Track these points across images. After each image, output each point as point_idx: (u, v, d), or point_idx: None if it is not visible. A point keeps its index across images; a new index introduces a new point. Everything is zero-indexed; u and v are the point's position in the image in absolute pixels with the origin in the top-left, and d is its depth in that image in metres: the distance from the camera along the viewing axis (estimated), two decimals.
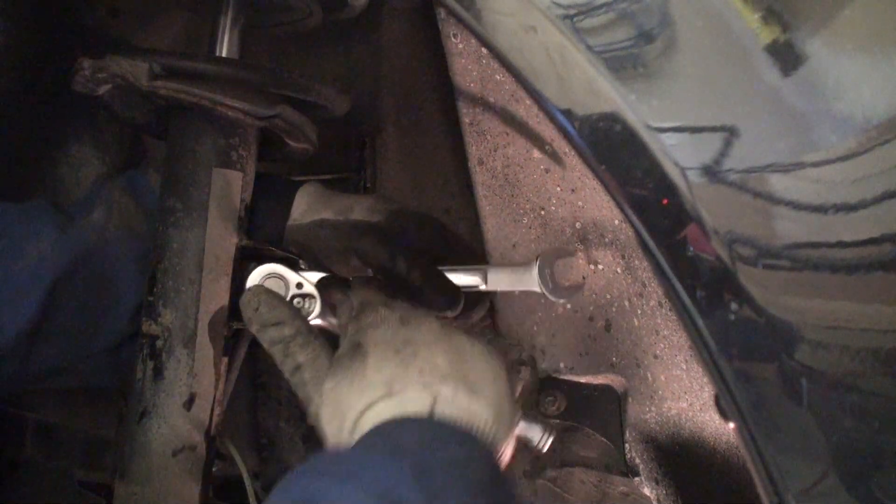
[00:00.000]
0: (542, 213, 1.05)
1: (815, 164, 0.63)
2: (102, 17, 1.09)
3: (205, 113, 0.89)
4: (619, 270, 1.01)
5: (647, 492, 1.07)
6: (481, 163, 1.06)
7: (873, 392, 0.65)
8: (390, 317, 0.79)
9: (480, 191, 1.07)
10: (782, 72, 0.62)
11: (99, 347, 0.93)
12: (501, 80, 1.00)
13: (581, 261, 1.04)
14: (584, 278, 1.03)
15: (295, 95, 0.91)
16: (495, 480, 0.66)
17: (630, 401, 1.06)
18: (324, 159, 1.08)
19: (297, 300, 0.89)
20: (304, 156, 0.98)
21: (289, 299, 0.89)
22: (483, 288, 0.89)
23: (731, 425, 0.64)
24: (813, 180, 0.63)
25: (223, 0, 0.94)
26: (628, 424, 1.07)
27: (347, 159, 1.25)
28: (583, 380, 1.09)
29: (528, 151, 1.03)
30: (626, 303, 1.02)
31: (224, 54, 0.94)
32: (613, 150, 0.62)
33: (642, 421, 1.06)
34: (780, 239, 0.63)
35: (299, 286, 0.90)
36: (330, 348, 0.81)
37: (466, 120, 1.04)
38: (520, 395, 0.78)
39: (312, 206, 0.94)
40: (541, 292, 0.89)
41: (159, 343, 0.88)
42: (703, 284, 0.62)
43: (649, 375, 1.03)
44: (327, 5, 0.96)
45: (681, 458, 1.04)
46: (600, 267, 1.02)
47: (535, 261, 0.89)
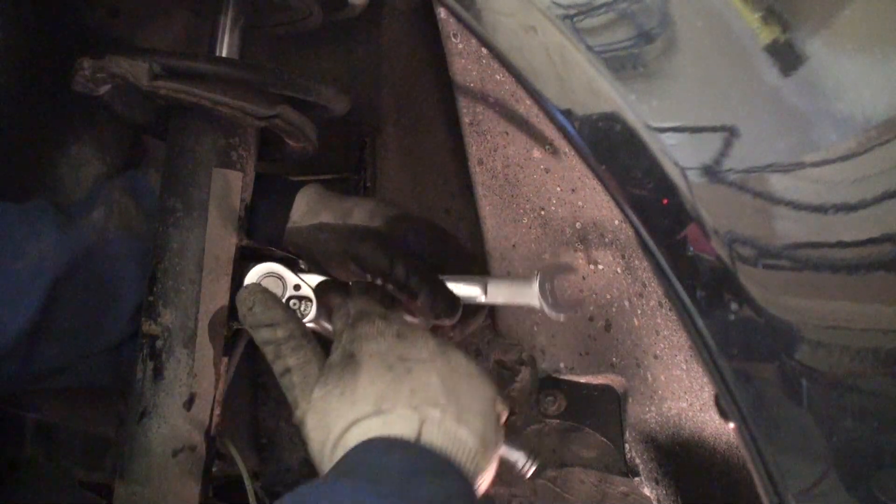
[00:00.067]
0: (542, 213, 1.05)
1: (815, 164, 0.63)
2: (102, 17, 1.09)
3: (205, 113, 0.89)
4: (619, 270, 1.01)
5: (647, 492, 1.07)
6: (481, 163, 1.06)
7: (873, 392, 0.65)
8: (387, 330, 0.80)
9: (480, 191, 1.07)
10: (782, 72, 0.62)
11: (99, 347, 0.93)
12: (501, 79, 1.00)
13: (581, 261, 1.04)
14: (583, 278, 1.03)
15: (295, 95, 0.91)
16: None
17: (630, 401, 1.06)
18: (324, 159, 1.08)
19: (294, 301, 0.89)
20: (304, 156, 0.98)
21: (285, 300, 0.89)
22: (482, 300, 0.88)
23: (731, 425, 0.64)
24: (813, 180, 0.63)
25: (223, 0, 0.94)
26: (628, 424, 1.07)
27: (347, 159, 1.25)
28: (583, 380, 1.10)
29: (528, 151, 1.03)
30: (626, 303, 1.02)
31: (224, 54, 0.94)
32: (613, 150, 0.62)
33: (642, 421, 1.06)
34: (780, 239, 0.63)
35: (297, 288, 0.89)
36: (322, 353, 0.81)
37: (466, 120, 1.04)
38: (504, 426, 0.79)
39: (312, 209, 0.94)
40: (540, 307, 0.88)
41: (159, 343, 0.88)
42: (703, 284, 0.62)
43: (649, 375, 1.03)
44: (327, 5, 0.96)
45: (681, 458, 1.04)
46: (600, 267, 1.02)
47: (536, 276, 0.88)
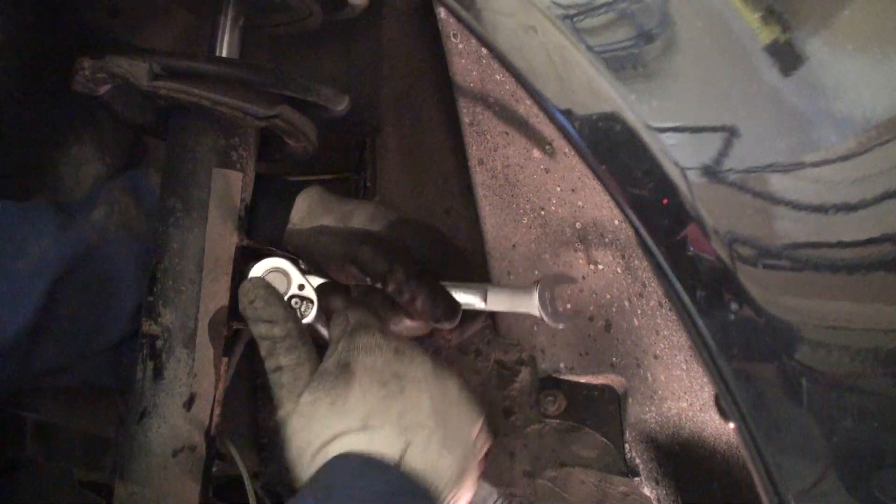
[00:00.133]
0: (542, 213, 1.04)
1: (815, 164, 0.63)
2: (102, 17, 1.09)
3: (205, 113, 0.89)
4: (619, 270, 1.01)
5: (647, 492, 1.07)
6: (481, 163, 1.06)
7: (873, 392, 0.65)
8: (385, 345, 0.80)
9: (480, 191, 1.07)
10: (782, 72, 0.63)
11: (99, 347, 0.93)
12: (501, 79, 1.00)
13: (581, 261, 1.04)
14: (583, 278, 1.03)
15: (295, 95, 0.91)
16: None
17: (630, 401, 1.06)
18: (324, 159, 1.08)
19: (295, 301, 0.89)
20: (304, 156, 0.98)
21: (287, 298, 0.89)
22: (482, 307, 0.89)
23: (731, 425, 0.64)
24: (813, 180, 0.63)
25: (223, 0, 0.94)
26: (628, 424, 1.07)
27: (347, 159, 1.25)
28: (583, 380, 1.10)
29: (528, 151, 1.03)
30: (626, 303, 1.02)
31: (224, 54, 0.94)
32: (613, 150, 0.62)
33: (642, 421, 1.06)
34: (780, 239, 0.63)
35: (300, 287, 0.89)
36: (316, 357, 0.81)
37: (466, 120, 1.04)
38: (483, 461, 0.81)
39: (313, 211, 0.94)
40: (540, 317, 0.88)
41: (159, 343, 0.88)
42: (703, 284, 0.62)
43: (649, 375, 1.03)
44: (327, 5, 0.96)
45: (681, 458, 1.04)
46: (600, 267, 1.02)
47: (536, 285, 0.89)
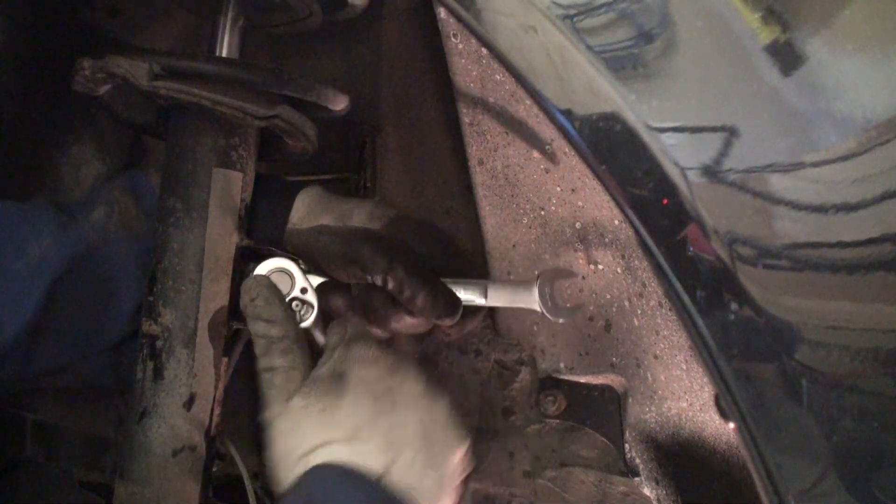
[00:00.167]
0: (542, 213, 1.04)
1: (815, 164, 0.63)
2: (102, 17, 1.09)
3: (205, 113, 0.89)
4: (619, 270, 1.01)
5: (647, 492, 1.07)
6: (481, 163, 1.05)
7: (873, 392, 0.65)
8: (381, 359, 0.80)
9: (480, 191, 1.07)
10: (782, 72, 0.62)
11: (99, 347, 0.93)
12: (501, 79, 1.00)
13: (581, 261, 1.04)
14: (583, 278, 1.03)
15: (295, 95, 0.91)
16: None
17: (630, 401, 1.06)
18: (324, 159, 1.08)
19: (296, 303, 0.89)
20: (304, 156, 0.98)
21: (288, 300, 0.89)
22: (482, 303, 0.89)
23: (731, 425, 0.64)
24: (813, 180, 0.63)
25: (223, 0, 0.94)
26: (628, 424, 1.07)
27: (347, 159, 1.25)
28: (583, 380, 1.09)
29: (528, 151, 1.03)
30: (626, 303, 1.02)
31: (224, 54, 0.94)
32: (613, 150, 0.62)
33: (642, 421, 1.06)
34: (780, 239, 0.63)
35: (303, 291, 0.89)
36: (310, 363, 0.81)
37: (466, 120, 1.04)
38: (463, 483, 0.81)
39: (312, 211, 0.94)
40: (540, 312, 0.89)
41: (159, 343, 0.88)
42: (703, 284, 0.62)
43: (649, 375, 1.03)
44: (327, 5, 0.96)
45: (681, 458, 1.04)
46: (600, 267, 1.02)
47: (536, 280, 0.89)
